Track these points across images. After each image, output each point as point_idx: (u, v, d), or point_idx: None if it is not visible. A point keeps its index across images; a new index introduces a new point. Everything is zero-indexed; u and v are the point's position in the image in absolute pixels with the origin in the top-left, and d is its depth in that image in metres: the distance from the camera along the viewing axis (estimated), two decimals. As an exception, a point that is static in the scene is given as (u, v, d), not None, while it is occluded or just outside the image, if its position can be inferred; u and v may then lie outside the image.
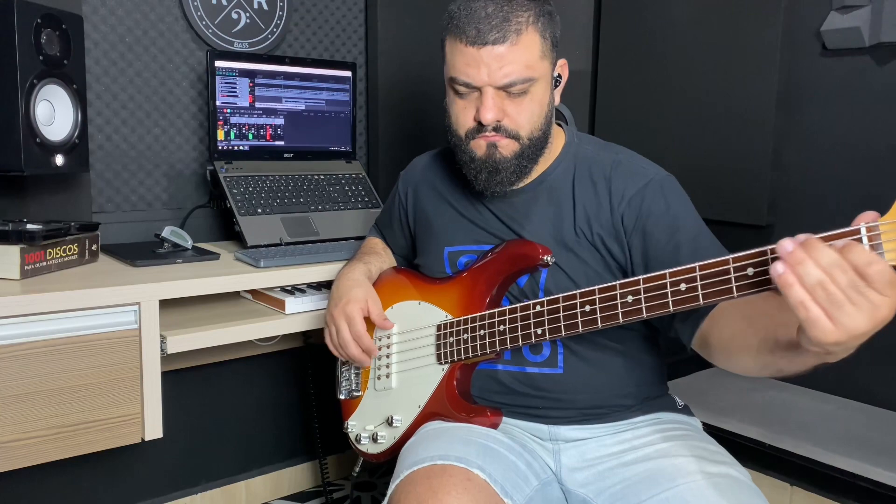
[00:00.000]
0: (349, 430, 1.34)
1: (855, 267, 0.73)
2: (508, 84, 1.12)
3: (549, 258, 1.14)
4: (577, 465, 1.19)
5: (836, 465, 1.51)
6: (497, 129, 1.15)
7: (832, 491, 1.60)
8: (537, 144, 1.17)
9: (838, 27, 1.72)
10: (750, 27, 1.86)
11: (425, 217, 1.36)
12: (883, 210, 0.76)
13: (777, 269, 0.77)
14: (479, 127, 1.15)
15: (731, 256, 0.88)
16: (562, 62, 1.22)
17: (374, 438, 1.28)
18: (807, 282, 0.74)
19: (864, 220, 0.76)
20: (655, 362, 1.25)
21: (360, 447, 1.32)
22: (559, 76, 1.23)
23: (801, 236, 0.76)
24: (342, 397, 1.35)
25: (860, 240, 0.75)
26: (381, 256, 1.45)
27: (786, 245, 0.77)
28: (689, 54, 1.99)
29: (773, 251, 0.83)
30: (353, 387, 1.34)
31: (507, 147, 1.16)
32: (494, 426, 1.19)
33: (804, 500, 1.65)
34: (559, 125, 1.28)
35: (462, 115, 1.17)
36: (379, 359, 1.31)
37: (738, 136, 1.90)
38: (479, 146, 1.17)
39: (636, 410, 1.21)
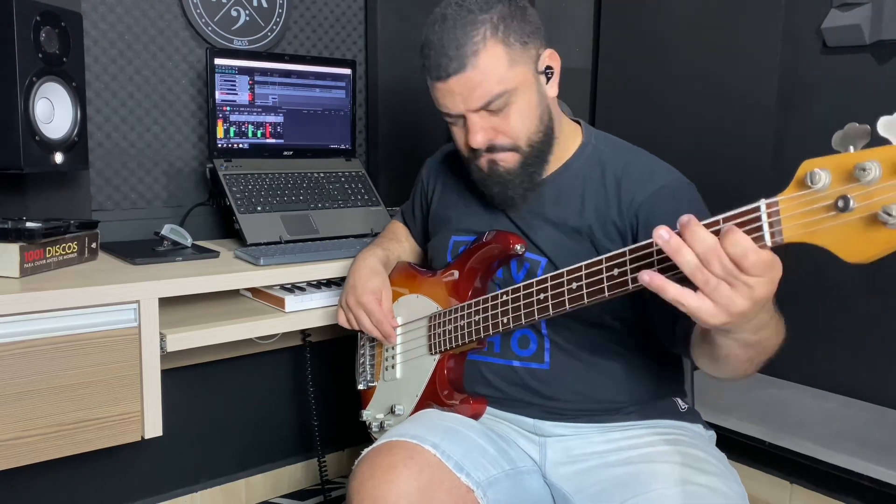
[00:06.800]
0: (364, 418, 1.38)
1: (731, 256, 0.75)
2: (485, 104, 1.11)
3: (520, 248, 1.16)
4: (561, 459, 1.19)
5: (836, 463, 1.51)
6: (492, 148, 1.15)
7: (832, 489, 1.61)
8: (541, 147, 1.17)
9: (839, 24, 1.72)
10: (750, 24, 1.86)
11: (442, 204, 1.39)
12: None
13: (643, 278, 0.80)
14: (476, 149, 1.16)
15: (604, 256, 0.92)
16: (548, 53, 1.16)
17: (382, 426, 1.32)
18: (686, 269, 0.77)
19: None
20: (658, 367, 1.21)
21: (373, 435, 1.37)
22: (549, 68, 1.16)
23: (683, 218, 0.78)
24: (360, 388, 1.40)
25: (759, 217, 0.76)
26: (401, 244, 1.49)
27: (661, 234, 0.78)
28: (689, 52, 1.99)
29: (649, 245, 0.86)
30: (369, 378, 1.38)
31: (509, 160, 1.16)
32: (476, 416, 1.22)
33: (804, 497, 1.65)
34: (577, 122, 1.27)
35: (460, 141, 1.19)
36: (387, 350, 1.35)
37: (739, 133, 1.90)
38: (482, 164, 1.18)
39: (629, 414, 1.19)
